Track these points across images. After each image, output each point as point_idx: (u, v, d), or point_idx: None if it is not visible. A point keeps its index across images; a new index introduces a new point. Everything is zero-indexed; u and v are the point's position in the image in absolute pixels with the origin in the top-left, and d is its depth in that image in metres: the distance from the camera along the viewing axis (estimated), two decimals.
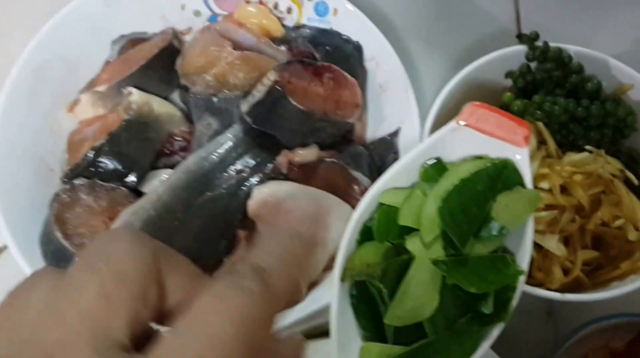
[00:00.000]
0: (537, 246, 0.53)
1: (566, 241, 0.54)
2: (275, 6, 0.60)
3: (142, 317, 0.23)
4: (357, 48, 0.58)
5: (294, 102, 0.51)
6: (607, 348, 0.55)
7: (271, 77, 0.51)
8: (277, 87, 0.51)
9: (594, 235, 0.54)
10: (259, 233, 0.49)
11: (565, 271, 0.53)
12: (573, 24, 0.71)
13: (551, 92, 0.55)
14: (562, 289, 0.54)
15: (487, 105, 0.44)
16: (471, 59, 0.56)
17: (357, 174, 0.53)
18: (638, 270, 0.52)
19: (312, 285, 0.53)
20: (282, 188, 0.50)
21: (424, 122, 0.54)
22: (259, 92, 0.51)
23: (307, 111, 0.52)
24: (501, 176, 0.43)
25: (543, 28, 0.58)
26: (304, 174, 0.52)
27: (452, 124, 0.44)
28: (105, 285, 0.22)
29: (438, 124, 0.52)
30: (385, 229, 0.42)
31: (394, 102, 0.56)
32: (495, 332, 0.39)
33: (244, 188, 0.51)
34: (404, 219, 0.42)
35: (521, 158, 0.43)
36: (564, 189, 0.53)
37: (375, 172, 0.54)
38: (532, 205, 0.42)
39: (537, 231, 0.52)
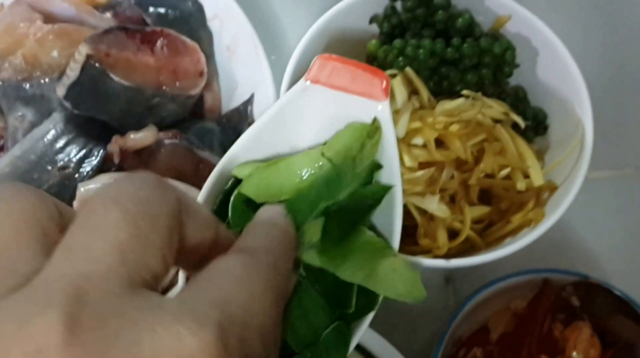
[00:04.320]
0: (421, 211, 0.49)
1: (453, 199, 0.50)
2: None
3: (169, 262, 0.23)
4: (197, 6, 0.52)
5: (116, 79, 0.45)
6: (509, 310, 0.52)
7: (83, 51, 0.44)
8: (93, 63, 0.44)
9: (483, 189, 0.51)
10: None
11: (457, 233, 0.50)
12: None
13: (419, 33, 0.50)
14: (455, 252, 0.50)
15: (336, 56, 0.40)
16: None
17: (206, 154, 0.47)
18: (530, 222, 0.48)
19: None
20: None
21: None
22: (72, 72, 0.45)
23: (135, 87, 0.46)
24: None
25: None
26: (141, 161, 0.46)
27: (301, 83, 0.40)
28: (138, 226, 0.21)
29: None
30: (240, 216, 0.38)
31: (245, 65, 0.51)
32: (367, 320, 0.36)
33: (70, 187, 0.45)
34: (263, 195, 0.37)
35: (382, 112, 0.39)
36: (442, 143, 0.49)
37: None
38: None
39: (415, 193, 0.48)
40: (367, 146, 0.40)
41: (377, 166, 0.41)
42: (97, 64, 0.45)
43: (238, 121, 0.50)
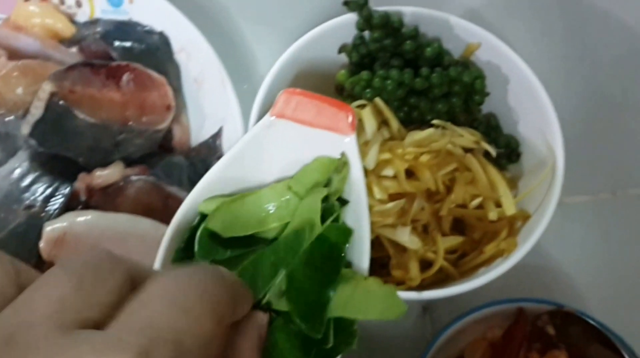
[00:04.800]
0: (393, 242, 0.49)
1: (426, 229, 0.50)
2: (62, 1, 0.53)
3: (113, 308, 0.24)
4: (163, 39, 0.52)
5: (81, 116, 0.45)
6: (485, 340, 0.52)
7: (46, 88, 0.44)
8: (57, 100, 0.44)
9: (456, 218, 0.51)
10: None
11: (431, 263, 0.50)
12: None
13: (388, 63, 0.50)
14: (429, 282, 0.50)
15: (301, 91, 0.40)
16: None
17: (174, 190, 0.47)
18: (503, 252, 0.48)
19: None
20: (80, 220, 0.44)
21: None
22: (37, 109, 0.45)
23: (100, 123, 0.46)
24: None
25: None
26: (108, 198, 0.46)
27: (266, 118, 0.40)
28: (82, 283, 0.23)
29: None
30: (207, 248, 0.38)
31: (213, 98, 0.51)
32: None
33: (36, 226, 0.45)
34: (230, 230, 0.37)
35: (349, 146, 0.40)
36: (412, 174, 0.49)
37: None
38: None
39: (386, 225, 0.48)
40: (334, 180, 0.40)
41: (344, 202, 0.41)
42: (61, 102, 0.45)
43: (207, 154, 0.50)
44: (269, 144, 0.40)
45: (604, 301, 0.57)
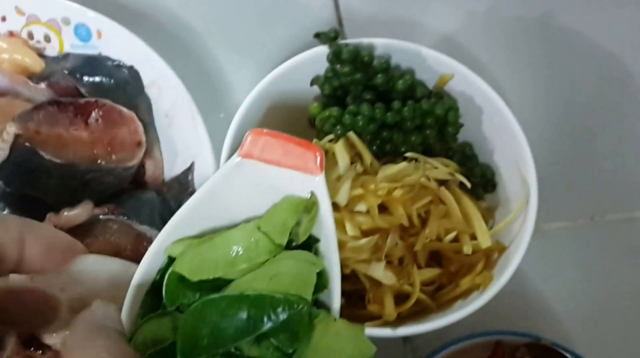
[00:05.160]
0: (368, 276, 0.48)
1: (402, 262, 0.50)
2: (30, 36, 0.52)
3: None
4: (133, 73, 0.51)
5: (47, 157, 0.45)
6: None
7: (10, 131, 0.44)
8: (22, 142, 0.44)
9: (433, 250, 0.50)
10: None
11: (408, 295, 0.49)
12: (397, 13, 0.66)
13: (360, 96, 0.50)
14: (407, 314, 0.50)
15: (268, 131, 0.40)
16: None
17: (144, 229, 0.47)
18: (479, 286, 0.48)
19: None
20: None
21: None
22: (1, 151, 0.44)
23: (67, 163, 0.45)
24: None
25: (368, 19, 0.53)
26: (76, 237, 0.45)
27: (234, 158, 0.40)
28: None
29: None
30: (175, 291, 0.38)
31: (184, 133, 0.50)
32: None
33: None
34: (198, 273, 0.37)
35: (318, 185, 0.39)
36: (386, 208, 0.49)
37: None
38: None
39: (361, 261, 0.47)
40: (304, 220, 0.40)
41: (315, 240, 0.40)
42: (26, 143, 0.44)
43: (179, 190, 0.50)
44: (238, 184, 0.40)
45: (583, 329, 0.57)
